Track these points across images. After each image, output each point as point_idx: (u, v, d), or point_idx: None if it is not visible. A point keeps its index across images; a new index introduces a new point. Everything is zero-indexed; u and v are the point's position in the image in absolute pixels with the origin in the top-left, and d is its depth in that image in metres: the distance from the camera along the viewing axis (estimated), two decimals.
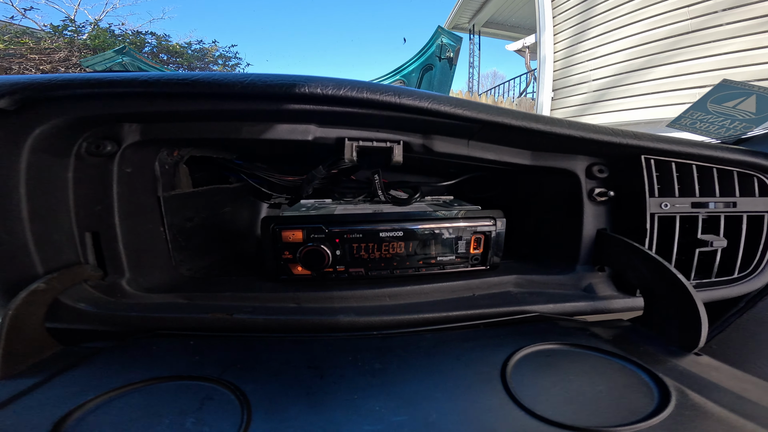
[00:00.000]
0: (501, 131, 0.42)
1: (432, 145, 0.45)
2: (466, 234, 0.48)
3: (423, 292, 0.47)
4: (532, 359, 0.34)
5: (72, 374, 0.29)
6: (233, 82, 0.34)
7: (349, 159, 0.45)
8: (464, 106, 0.38)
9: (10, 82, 0.31)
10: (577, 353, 0.35)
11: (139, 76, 0.33)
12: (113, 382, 0.28)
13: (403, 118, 0.41)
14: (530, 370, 0.32)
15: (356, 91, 0.36)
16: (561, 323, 0.42)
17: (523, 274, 0.50)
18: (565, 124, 0.40)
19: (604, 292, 0.48)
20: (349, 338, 0.39)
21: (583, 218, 0.49)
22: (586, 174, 0.49)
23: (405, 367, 0.33)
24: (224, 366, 0.31)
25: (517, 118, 0.39)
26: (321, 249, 0.42)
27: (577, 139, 0.41)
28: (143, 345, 0.35)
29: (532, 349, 0.35)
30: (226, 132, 0.40)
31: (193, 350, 0.34)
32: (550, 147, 0.48)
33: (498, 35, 8.34)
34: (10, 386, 0.27)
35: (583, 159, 0.49)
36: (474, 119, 0.39)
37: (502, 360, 0.33)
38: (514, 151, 0.48)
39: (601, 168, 0.49)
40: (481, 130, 0.43)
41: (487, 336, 0.39)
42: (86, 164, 0.38)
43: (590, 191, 0.49)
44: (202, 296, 0.41)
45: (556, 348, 0.36)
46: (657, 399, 0.27)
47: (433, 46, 3.66)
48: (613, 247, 0.46)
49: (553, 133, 0.40)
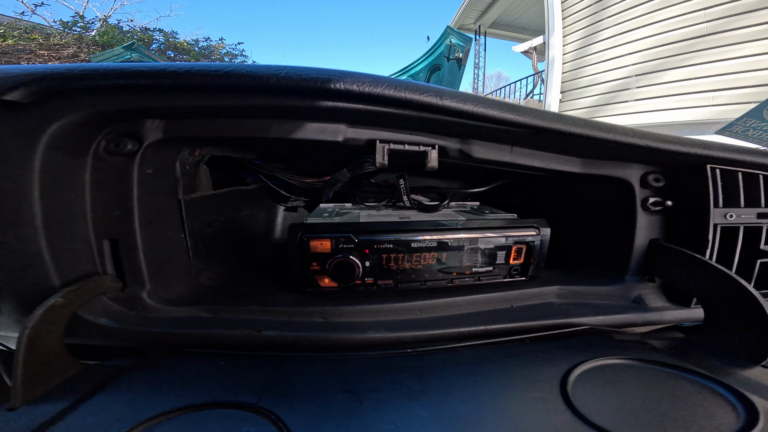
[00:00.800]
0: (552, 138, 0.40)
1: (470, 151, 0.42)
2: (507, 244, 0.45)
3: (456, 305, 0.44)
4: (594, 375, 0.31)
5: (99, 399, 0.27)
6: (267, 74, 0.31)
7: (380, 163, 0.42)
8: (516, 110, 0.35)
9: (25, 72, 0.28)
10: (641, 368, 0.33)
11: (167, 66, 0.30)
12: (146, 408, 0.26)
13: (441, 121, 0.38)
14: (594, 387, 0.29)
15: (395, 89, 0.33)
16: (614, 336, 0.40)
17: (564, 284, 0.47)
18: (629, 133, 0.38)
19: (656, 303, 0.46)
20: (382, 357, 0.36)
21: (635, 228, 0.47)
22: (641, 183, 0.47)
23: (448, 387, 0.30)
24: (259, 391, 0.29)
25: (577, 125, 0.36)
26: (351, 260, 0.40)
27: (637, 147, 0.39)
28: (170, 365, 0.32)
29: (593, 364, 0.33)
30: (254, 130, 0.37)
31: (224, 371, 0.32)
32: (604, 154, 0.45)
33: (504, 36, 8.30)
34: (34, 413, 0.25)
35: (638, 167, 0.46)
36: (527, 125, 0.36)
37: (560, 376, 0.30)
38: (563, 159, 0.45)
39: (657, 177, 0.46)
40: (531, 137, 0.40)
41: (534, 351, 0.36)
42: (105, 164, 0.35)
43: (644, 200, 0.47)
44: (227, 309, 0.38)
45: (618, 363, 0.33)
46: (743, 416, 0.25)
47: (441, 46, 3.63)
48: (669, 257, 0.44)
49: (616, 141, 0.37)
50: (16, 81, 0.27)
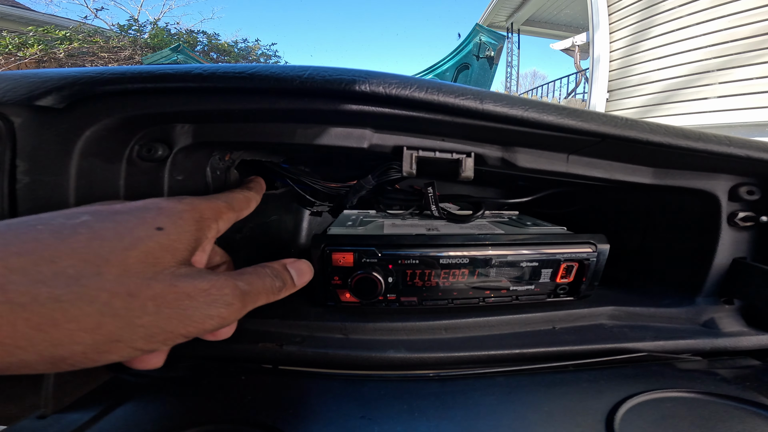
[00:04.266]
0: (621, 146, 0.35)
1: (515, 160, 0.38)
2: (556, 261, 0.40)
3: (488, 325, 0.40)
4: (648, 410, 0.27)
5: (125, 410, 0.28)
6: (291, 76, 0.29)
7: (407, 171, 0.39)
8: (579, 116, 0.30)
9: (57, 77, 0.28)
10: (706, 402, 0.29)
11: (192, 69, 0.29)
12: (166, 421, 0.26)
13: (480, 127, 0.34)
14: (647, 425, 0.26)
15: (426, 91, 0.30)
16: (675, 364, 0.35)
17: (620, 305, 0.42)
18: (723, 141, 0.32)
19: (731, 328, 0.40)
20: (402, 380, 0.34)
21: (717, 245, 0.41)
22: (729, 195, 0.41)
23: (473, 418, 0.27)
24: (278, 412, 0.28)
25: (657, 132, 0.31)
26: (373, 277, 0.37)
27: (734, 157, 0.33)
28: (193, 378, 0.33)
29: (645, 398, 0.29)
30: (280, 135, 0.36)
31: (244, 387, 0.31)
32: (684, 164, 0.39)
33: (540, 34, 7.93)
34: (63, 422, 0.26)
35: (727, 178, 0.40)
36: (593, 132, 0.31)
37: (607, 410, 0.27)
38: (631, 168, 0.40)
39: (751, 189, 0.40)
40: (595, 145, 0.35)
41: (579, 380, 0.32)
42: (137, 170, 0.35)
43: (731, 215, 0.41)
44: (249, 322, 0.37)
45: (678, 396, 0.29)
46: None
47: (470, 44, 3.51)
48: (756, 278, 0.38)
49: (707, 151, 0.32)
50: (49, 86, 0.27)
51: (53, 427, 0.25)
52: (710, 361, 0.38)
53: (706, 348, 0.38)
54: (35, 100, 0.27)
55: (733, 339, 0.39)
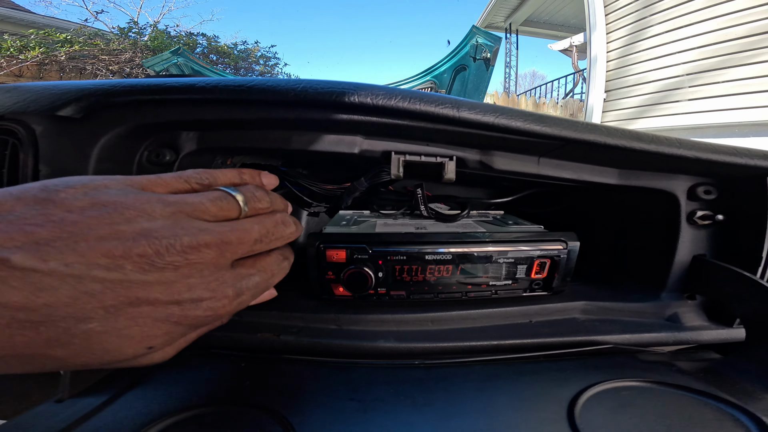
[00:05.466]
0: (585, 149, 0.38)
1: (492, 162, 0.41)
2: (529, 257, 0.43)
3: (470, 318, 0.43)
4: (607, 398, 0.30)
5: (134, 393, 0.30)
6: (286, 89, 0.33)
7: (395, 174, 0.42)
8: (542, 121, 0.33)
9: (76, 88, 0.31)
10: (661, 391, 0.31)
11: (197, 82, 0.32)
12: (172, 404, 0.29)
13: (459, 132, 0.37)
14: (605, 411, 0.28)
15: (409, 101, 0.33)
16: (639, 356, 0.38)
17: (591, 299, 0.45)
18: (675, 143, 0.35)
19: (692, 322, 0.43)
20: (390, 367, 0.37)
21: (677, 243, 0.44)
22: (688, 195, 0.43)
23: (452, 402, 0.30)
24: (275, 395, 0.31)
25: (614, 135, 0.34)
26: (364, 271, 0.40)
27: (684, 158, 0.36)
28: (198, 364, 0.36)
29: (606, 386, 0.31)
30: (277, 141, 0.39)
31: (244, 373, 0.34)
32: (645, 165, 0.42)
33: (538, 34, 7.94)
34: (78, 405, 0.28)
35: (685, 179, 0.43)
36: (555, 137, 0.34)
37: (569, 398, 0.29)
38: (598, 170, 0.43)
39: (708, 189, 0.42)
40: (560, 148, 0.38)
41: (549, 369, 0.35)
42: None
43: (690, 213, 0.43)
44: (250, 314, 0.40)
45: (636, 385, 0.31)
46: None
47: (466, 47, 3.53)
48: (715, 274, 0.41)
49: (660, 153, 0.35)
50: (68, 97, 0.30)
51: (70, 410, 0.27)
52: (673, 353, 0.40)
53: (669, 341, 0.40)
54: (57, 110, 0.30)
55: (694, 333, 0.41)
